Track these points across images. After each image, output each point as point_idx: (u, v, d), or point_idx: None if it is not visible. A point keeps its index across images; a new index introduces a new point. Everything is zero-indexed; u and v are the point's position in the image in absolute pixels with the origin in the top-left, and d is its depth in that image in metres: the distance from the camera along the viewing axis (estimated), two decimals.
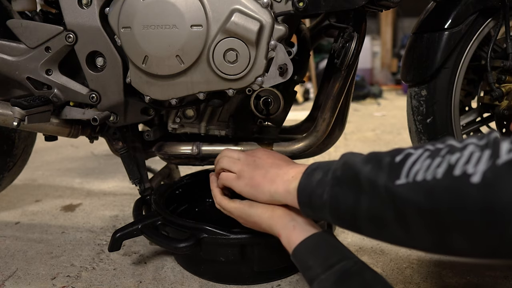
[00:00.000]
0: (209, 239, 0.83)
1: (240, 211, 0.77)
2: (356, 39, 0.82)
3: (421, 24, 0.94)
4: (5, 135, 1.14)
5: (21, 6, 0.90)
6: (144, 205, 1.04)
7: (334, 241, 0.65)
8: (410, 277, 0.88)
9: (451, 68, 0.92)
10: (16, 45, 0.90)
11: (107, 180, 1.63)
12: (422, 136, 0.97)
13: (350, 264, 0.60)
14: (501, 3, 0.88)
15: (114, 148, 1.02)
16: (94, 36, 0.85)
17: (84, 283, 0.89)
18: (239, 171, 0.75)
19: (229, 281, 0.88)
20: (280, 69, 0.79)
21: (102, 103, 0.90)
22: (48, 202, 1.40)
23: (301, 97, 3.81)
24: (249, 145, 0.97)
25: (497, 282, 0.85)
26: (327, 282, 0.58)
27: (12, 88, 0.97)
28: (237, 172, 0.75)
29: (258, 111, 0.92)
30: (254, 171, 0.73)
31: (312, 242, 0.65)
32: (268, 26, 0.77)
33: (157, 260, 0.98)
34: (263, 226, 0.73)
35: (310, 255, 0.63)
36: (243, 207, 0.77)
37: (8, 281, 0.90)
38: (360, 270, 0.59)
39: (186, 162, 1.03)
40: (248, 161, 0.75)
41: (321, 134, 0.94)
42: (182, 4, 0.78)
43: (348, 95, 0.98)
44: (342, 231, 1.10)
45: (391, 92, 4.50)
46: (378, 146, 2.08)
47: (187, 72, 0.82)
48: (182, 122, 0.98)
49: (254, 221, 0.74)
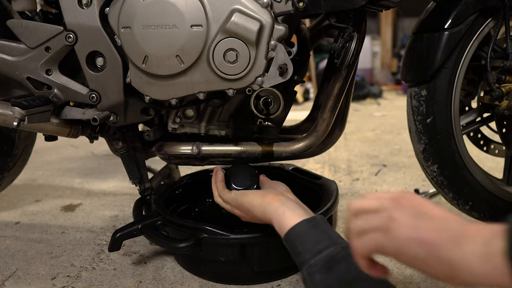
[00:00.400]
0: (209, 239, 0.83)
1: (235, 202, 0.79)
2: (356, 39, 0.82)
3: (421, 24, 0.94)
4: (5, 135, 1.14)
5: (21, 6, 0.90)
6: (144, 205, 1.04)
7: (323, 227, 0.66)
8: (410, 277, 0.88)
9: (451, 68, 0.92)
10: (16, 45, 0.90)
11: (107, 180, 1.63)
12: (422, 136, 0.97)
13: (337, 250, 0.61)
14: (501, 3, 0.88)
15: (114, 148, 1.02)
16: (94, 36, 0.85)
17: (84, 283, 0.89)
18: (388, 219, 0.46)
19: (229, 281, 0.87)
20: (280, 69, 0.79)
21: (102, 103, 0.90)
22: (48, 202, 1.40)
23: (301, 97, 3.81)
24: (249, 145, 0.97)
25: None
26: (315, 267, 0.60)
27: (12, 88, 0.97)
28: (382, 224, 0.46)
29: (258, 111, 0.92)
30: (416, 220, 0.44)
31: (302, 228, 0.66)
32: (268, 26, 0.77)
33: (157, 260, 0.98)
34: (256, 214, 0.74)
35: (300, 240, 0.65)
36: (235, 197, 0.78)
37: (8, 281, 0.90)
38: (347, 255, 0.60)
39: (186, 162, 1.03)
40: (399, 205, 0.47)
41: (321, 134, 0.94)
42: (182, 4, 0.78)
43: (348, 95, 0.98)
44: (342, 231, 1.10)
45: (391, 92, 4.49)
46: (378, 146, 2.08)
47: (187, 72, 0.82)
48: (182, 122, 0.98)
49: (247, 209, 0.76)
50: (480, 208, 1.04)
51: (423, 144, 0.98)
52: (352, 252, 0.50)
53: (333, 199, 0.96)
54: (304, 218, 0.67)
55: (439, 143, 0.96)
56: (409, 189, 1.42)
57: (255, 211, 0.74)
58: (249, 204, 0.75)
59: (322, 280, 0.59)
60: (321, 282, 0.59)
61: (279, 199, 0.72)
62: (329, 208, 0.93)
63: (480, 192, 1.01)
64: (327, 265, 0.60)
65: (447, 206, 1.21)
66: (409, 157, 1.82)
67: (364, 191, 1.41)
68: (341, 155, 1.92)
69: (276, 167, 1.18)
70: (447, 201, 1.06)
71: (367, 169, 1.68)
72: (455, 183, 1.00)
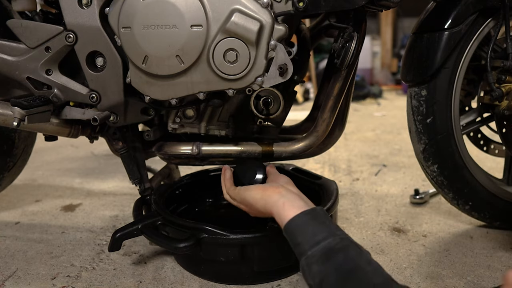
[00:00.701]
0: (209, 239, 0.83)
1: (239, 197, 0.81)
2: (356, 39, 0.82)
3: (421, 24, 0.94)
4: (5, 135, 1.14)
5: (21, 6, 0.90)
6: (144, 205, 1.04)
7: (323, 218, 0.67)
8: (410, 277, 0.88)
9: (451, 68, 0.92)
10: (16, 45, 0.90)
11: (107, 180, 1.63)
12: (422, 136, 0.97)
13: (336, 241, 0.62)
14: (501, 3, 0.88)
15: (114, 148, 1.02)
16: (94, 36, 0.85)
17: (84, 283, 0.89)
18: None
19: (229, 281, 0.88)
20: (280, 69, 0.79)
21: (102, 103, 0.90)
22: (48, 202, 1.40)
23: (301, 97, 3.81)
24: (249, 145, 0.97)
25: (497, 283, 0.85)
26: (313, 258, 0.61)
27: (12, 88, 0.97)
28: None
29: (258, 111, 0.92)
30: None
31: (301, 219, 0.67)
32: (268, 26, 0.77)
33: (157, 260, 0.98)
34: (258, 207, 0.76)
35: (299, 231, 0.66)
36: (239, 192, 0.81)
37: (8, 281, 0.90)
38: (345, 247, 0.61)
39: (186, 162, 1.03)
40: None
41: (321, 134, 0.94)
42: (182, 4, 0.78)
43: (348, 95, 0.98)
44: (344, 227, 1.10)
45: (391, 92, 4.49)
46: (378, 146, 2.08)
47: (187, 72, 0.82)
48: (182, 122, 0.98)
49: (250, 203, 0.77)
50: (480, 208, 1.04)
51: (423, 144, 0.98)
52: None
53: (333, 199, 0.96)
54: (303, 210, 0.68)
55: (439, 143, 0.96)
56: (409, 189, 1.42)
57: (257, 205, 0.75)
58: (251, 199, 0.77)
59: (320, 271, 0.60)
60: (318, 272, 0.60)
61: (279, 192, 0.73)
62: (329, 208, 0.93)
63: (480, 192, 1.01)
64: (325, 256, 0.61)
65: (448, 206, 1.22)
66: (409, 157, 1.82)
67: (364, 191, 1.41)
68: (341, 155, 1.92)
69: (276, 167, 1.18)
70: (447, 201, 1.06)
71: (367, 169, 1.68)
72: (455, 183, 1.00)
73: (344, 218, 1.19)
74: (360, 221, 1.17)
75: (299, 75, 0.98)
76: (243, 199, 0.79)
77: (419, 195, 1.28)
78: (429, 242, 1.04)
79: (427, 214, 1.21)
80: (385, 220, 1.18)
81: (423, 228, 1.12)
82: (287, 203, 0.70)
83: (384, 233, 1.09)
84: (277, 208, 0.71)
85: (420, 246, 1.02)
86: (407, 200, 1.32)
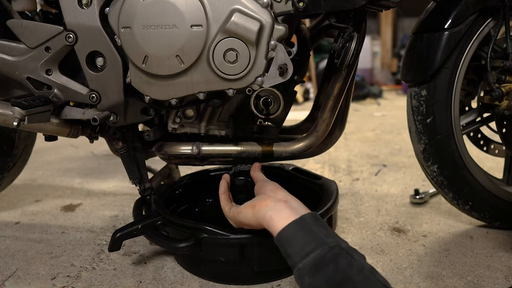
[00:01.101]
0: (209, 239, 0.83)
1: (235, 220, 0.81)
2: (356, 39, 0.82)
3: (421, 24, 0.94)
4: (5, 135, 1.14)
5: (21, 6, 0.90)
6: (144, 205, 1.04)
7: (311, 227, 0.66)
8: (410, 277, 0.88)
9: (451, 68, 0.92)
10: (16, 45, 0.90)
11: (107, 180, 1.63)
12: (422, 136, 0.97)
13: (324, 251, 0.61)
14: (501, 3, 0.88)
15: (114, 148, 1.02)
16: (94, 36, 0.85)
17: (84, 283, 0.89)
18: None
19: (229, 281, 0.88)
20: (280, 69, 0.79)
21: (102, 103, 0.90)
22: (48, 202, 1.40)
23: (301, 97, 3.81)
24: (249, 145, 0.97)
25: (497, 283, 0.85)
26: (304, 270, 0.61)
27: (12, 88, 0.97)
28: None
29: (258, 111, 0.92)
30: None
31: (290, 230, 0.67)
32: (268, 26, 0.77)
33: (157, 260, 0.98)
34: (254, 225, 0.76)
35: (288, 243, 0.66)
36: (233, 216, 0.80)
37: (8, 281, 0.90)
38: (334, 256, 0.61)
39: (186, 162, 1.03)
40: None
41: (321, 134, 0.94)
42: (182, 4, 0.78)
43: (348, 95, 0.98)
44: (342, 231, 1.10)
45: (391, 92, 4.49)
46: (378, 146, 2.08)
47: (187, 72, 0.82)
48: (182, 122, 0.98)
49: (246, 223, 0.78)
50: (480, 208, 1.04)
51: (423, 144, 0.98)
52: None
53: (333, 199, 0.96)
54: (292, 220, 0.67)
55: (439, 143, 0.96)
56: (409, 189, 1.42)
57: (252, 224, 0.76)
58: (245, 219, 0.77)
59: (310, 283, 0.60)
60: (309, 284, 0.60)
61: (266, 205, 0.72)
62: (329, 208, 0.93)
63: (480, 192, 1.01)
64: (315, 268, 0.60)
65: (448, 206, 1.22)
66: (409, 157, 1.82)
67: (364, 191, 1.41)
68: (341, 155, 1.92)
69: (276, 167, 1.18)
70: (447, 201, 1.06)
71: (367, 169, 1.68)
72: (455, 183, 1.00)
73: (344, 218, 1.19)
74: (360, 221, 1.17)
75: (299, 75, 0.98)
76: (240, 221, 0.79)
77: (419, 195, 1.29)
78: (429, 242, 1.04)
79: (427, 214, 1.21)
80: (385, 220, 1.18)
81: (423, 228, 1.12)
82: (274, 215, 0.69)
83: (384, 233, 1.09)
84: (266, 222, 0.70)
85: (420, 246, 1.02)
86: (407, 200, 1.32)
